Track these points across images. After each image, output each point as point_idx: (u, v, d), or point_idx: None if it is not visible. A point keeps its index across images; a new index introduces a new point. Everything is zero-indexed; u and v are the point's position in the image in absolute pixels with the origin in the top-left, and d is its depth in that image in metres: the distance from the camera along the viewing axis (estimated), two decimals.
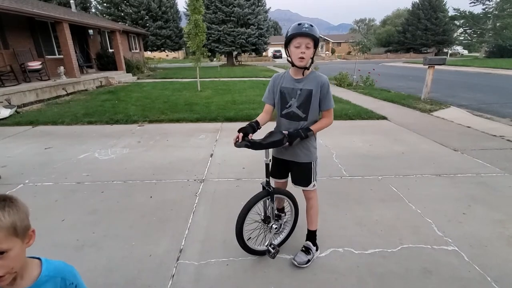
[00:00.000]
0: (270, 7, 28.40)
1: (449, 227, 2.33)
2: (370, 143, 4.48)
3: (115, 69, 14.92)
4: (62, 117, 6.01)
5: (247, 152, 4.05)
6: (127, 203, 2.72)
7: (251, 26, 25.85)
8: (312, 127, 1.79)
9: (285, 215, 2.24)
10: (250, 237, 1.95)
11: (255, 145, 1.64)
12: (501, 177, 3.28)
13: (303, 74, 1.77)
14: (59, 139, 4.78)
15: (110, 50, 16.16)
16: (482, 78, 15.06)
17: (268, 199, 1.85)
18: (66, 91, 9.87)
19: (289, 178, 2.03)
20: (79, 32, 13.89)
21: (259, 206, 1.87)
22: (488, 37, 35.13)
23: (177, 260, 1.97)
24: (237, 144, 1.64)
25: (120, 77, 13.65)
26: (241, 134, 1.65)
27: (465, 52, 48.61)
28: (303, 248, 1.99)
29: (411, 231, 2.29)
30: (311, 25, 1.64)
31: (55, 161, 3.77)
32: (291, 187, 1.99)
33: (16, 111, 6.66)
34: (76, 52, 12.09)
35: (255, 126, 1.76)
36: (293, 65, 1.72)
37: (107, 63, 15.22)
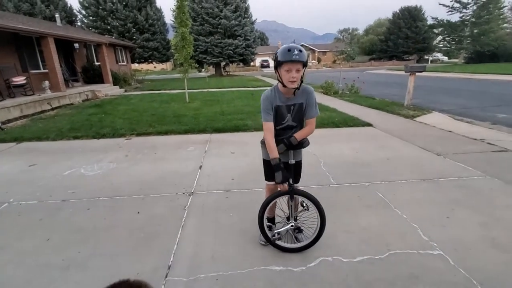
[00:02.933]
0: (256, 19, 28.97)
1: (434, 232, 2.39)
2: (356, 150, 4.56)
3: (102, 82, 14.78)
4: (47, 133, 5.88)
5: (236, 163, 4.10)
6: (114, 220, 2.67)
7: (238, 37, 26.25)
8: (296, 135, 1.94)
9: (275, 226, 2.30)
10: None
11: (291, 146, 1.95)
12: (483, 180, 3.39)
13: (294, 94, 1.90)
14: (44, 155, 4.67)
15: (97, 63, 16.03)
16: (462, 84, 15.67)
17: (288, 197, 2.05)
18: (51, 105, 9.69)
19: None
20: (64, 45, 13.75)
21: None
22: (466, 44, 36.75)
23: (166, 277, 1.93)
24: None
25: (106, 90, 13.52)
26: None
27: (445, 58, 50.57)
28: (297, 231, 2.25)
29: (398, 237, 2.33)
30: (300, 50, 1.72)
31: (40, 179, 3.68)
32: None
33: (0, 127, 6.49)
34: (61, 66, 11.95)
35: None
36: (284, 86, 1.83)
37: (94, 76, 15.07)
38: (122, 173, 3.84)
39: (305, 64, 1.77)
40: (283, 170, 1.85)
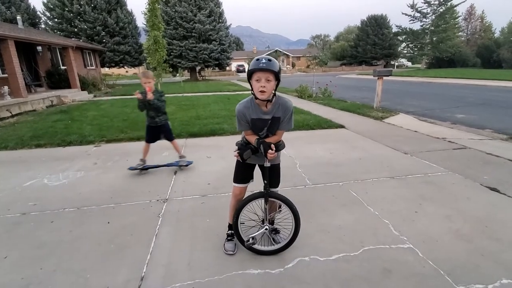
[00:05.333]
0: (231, 24, 29.10)
1: (404, 226, 2.50)
2: (330, 151, 4.69)
3: (68, 87, 14.00)
4: (5, 142, 5.43)
5: (212, 167, 4.03)
6: (81, 232, 2.50)
7: (213, 42, 26.17)
8: (268, 141, 1.91)
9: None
10: (243, 222, 2.14)
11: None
12: (446, 175, 3.62)
13: (266, 106, 1.86)
14: (2, 166, 4.30)
15: (62, 67, 15.17)
16: (424, 87, 16.76)
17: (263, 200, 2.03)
18: (10, 112, 9.01)
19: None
20: (26, 49, 12.90)
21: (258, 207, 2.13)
22: (427, 50, 39.47)
23: None
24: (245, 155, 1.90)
25: (74, 95, 12.82)
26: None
27: (409, 64, 53.93)
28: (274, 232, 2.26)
29: (371, 233, 2.41)
30: (269, 60, 1.73)
31: None
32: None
33: None
34: (22, 70, 11.18)
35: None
36: (255, 98, 1.81)
37: (59, 81, 14.25)
38: (90, 182, 3.63)
39: (277, 77, 1.75)
40: (253, 151, 1.90)
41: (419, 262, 2.05)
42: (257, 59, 1.74)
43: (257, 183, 2.22)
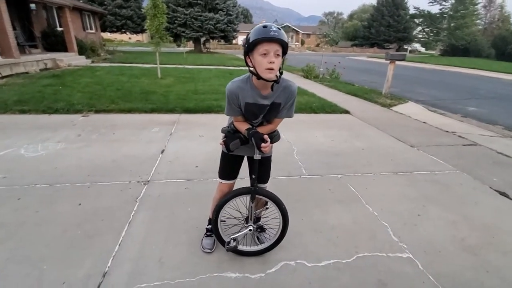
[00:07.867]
0: None
1: (404, 231, 2.25)
2: (332, 138, 4.38)
3: (65, 50, 13.38)
4: None
5: (203, 148, 3.75)
6: (48, 214, 2.27)
7: (219, 12, 24.88)
8: (260, 130, 1.61)
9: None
10: (224, 220, 1.87)
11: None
12: (453, 174, 3.33)
13: (272, 89, 1.48)
14: None
15: (59, 29, 14.44)
16: (436, 75, 16.05)
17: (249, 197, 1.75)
18: (0, 73, 8.58)
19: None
20: (19, 6, 12.15)
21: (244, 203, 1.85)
22: (443, 36, 37.71)
23: (98, 287, 1.62)
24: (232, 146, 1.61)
25: (70, 59, 12.26)
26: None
27: (423, 49, 51.85)
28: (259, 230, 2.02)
29: (368, 237, 2.17)
30: (279, 28, 1.35)
31: None
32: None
33: None
34: (15, 29, 10.58)
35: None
36: (258, 77, 1.40)
37: (55, 43, 13.59)
38: (70, 156, 3.36)
39: (285, 50, 1.38)
40: (242, 142, 1.61)
41: (418, 276, 1.82)
42: (264, 26, 1.33)
43: (242, 175, 1.95)
